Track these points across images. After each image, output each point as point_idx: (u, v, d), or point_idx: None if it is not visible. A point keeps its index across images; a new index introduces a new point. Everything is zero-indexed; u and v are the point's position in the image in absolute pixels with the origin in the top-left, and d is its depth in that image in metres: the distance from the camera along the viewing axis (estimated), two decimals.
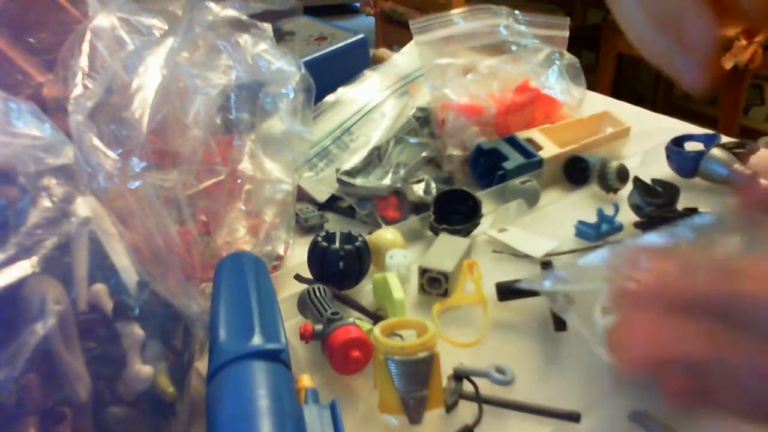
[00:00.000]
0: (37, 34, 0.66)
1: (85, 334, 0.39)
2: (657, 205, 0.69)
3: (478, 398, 0.48)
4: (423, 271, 0.60)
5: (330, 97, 0.88)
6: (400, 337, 0.52)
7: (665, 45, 0.36)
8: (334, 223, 0.75)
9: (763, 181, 0.30)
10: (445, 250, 0.62)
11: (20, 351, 0.34)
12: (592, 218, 0.69)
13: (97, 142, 0.54)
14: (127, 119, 0.55)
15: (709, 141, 0.80)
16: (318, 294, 0.55)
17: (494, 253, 0.68)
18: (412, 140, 0.81)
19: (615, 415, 0.48)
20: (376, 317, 0.56)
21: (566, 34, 0.92)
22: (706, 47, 0.34)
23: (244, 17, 0.71)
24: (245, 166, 0.63)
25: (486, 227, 0.71)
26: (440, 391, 0.47)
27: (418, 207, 0.74)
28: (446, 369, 0.49)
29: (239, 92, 0.65)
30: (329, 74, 0.89)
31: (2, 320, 0.35)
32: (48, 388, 0.36)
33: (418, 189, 0.74)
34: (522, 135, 0.82)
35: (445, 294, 0.59)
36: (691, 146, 0.80)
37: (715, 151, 0.75)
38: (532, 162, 0.79)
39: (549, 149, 0.81)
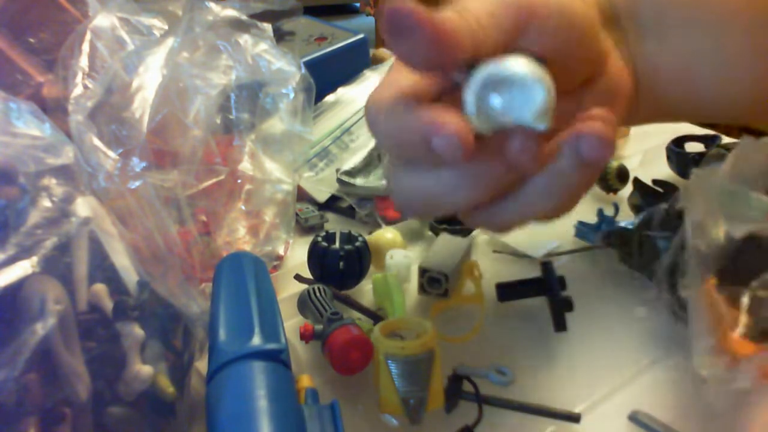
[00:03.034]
0: (37, 34, 0.66)
1: (85, 334, 0.39)
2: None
3: (478, 398, 0.48)
4: (423, 271, 0.60)
5: (330, 97, 0.88)
6: (401, 337, 0.52)
7: None
8: (334, 223, 0.75)
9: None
10: (445, 250, 0.62)
11: (20, 351, 0.34)
12: (592, 218, 0.69)
13: (97, 142, 0.54)
14: (127, 119, 0.55)
15: (709, 142, 0.80)
16: (318, 294, 0.55)
17: (494, 253, 0.68)
18: None
19: (615, 415, 0.48)
20: (376, 317, 0.56)
21: None
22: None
23: (244, 17, 0.71)
24: (245, 166, 0.63)
25: None
26: (440, 391, 0.47)
27: None
28: (446, 369, 0.49)
29: (239, 92, 0.65)
30: (329, 74, 0.89)
31: (2, 320, 0.35)
32: (48, 388, 0.36)
33: None
34: None
35: (445, 294, 0.59)
36: (691, 147, 0.80)
37: (716, 152, 0.75)
38: None
39: None
